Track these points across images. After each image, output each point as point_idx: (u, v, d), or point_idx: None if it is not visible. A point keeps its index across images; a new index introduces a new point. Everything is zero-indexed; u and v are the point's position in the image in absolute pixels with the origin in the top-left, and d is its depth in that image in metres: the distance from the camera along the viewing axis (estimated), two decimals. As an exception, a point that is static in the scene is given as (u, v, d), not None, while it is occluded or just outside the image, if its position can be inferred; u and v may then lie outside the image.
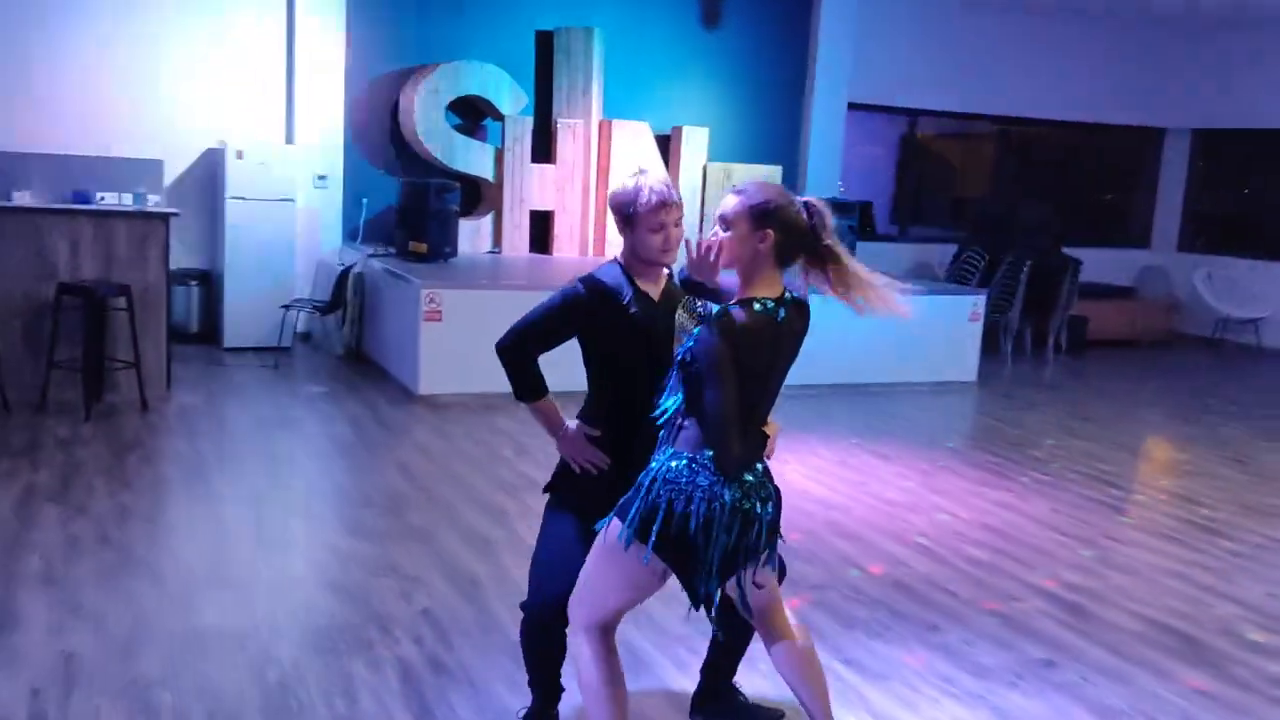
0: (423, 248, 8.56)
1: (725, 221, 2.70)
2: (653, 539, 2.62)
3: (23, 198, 8.06)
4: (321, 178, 9.51)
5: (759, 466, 2.73)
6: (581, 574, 2.84)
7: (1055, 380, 10.08)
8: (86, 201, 8.56)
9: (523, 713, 3.21)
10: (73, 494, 5.13)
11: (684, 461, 2.65)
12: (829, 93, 11.41)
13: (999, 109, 12.60)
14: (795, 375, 2.93)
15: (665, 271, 3.10)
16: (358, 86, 9.63)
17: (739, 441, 2.63)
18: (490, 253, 9.98)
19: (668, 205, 2.94)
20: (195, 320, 9.24)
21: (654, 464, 2.70)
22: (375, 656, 3.66)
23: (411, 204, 8.73)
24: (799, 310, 2.74)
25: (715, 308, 2.66)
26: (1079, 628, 4.28)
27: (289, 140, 9.35)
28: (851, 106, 11.62)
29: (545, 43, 10.23)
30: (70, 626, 3.74)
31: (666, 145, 10.72)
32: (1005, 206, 12.60)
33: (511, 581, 4.32)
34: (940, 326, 9.14)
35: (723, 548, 2.63)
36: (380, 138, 9.79)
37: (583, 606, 2.83)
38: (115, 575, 4.21)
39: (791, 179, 11.25)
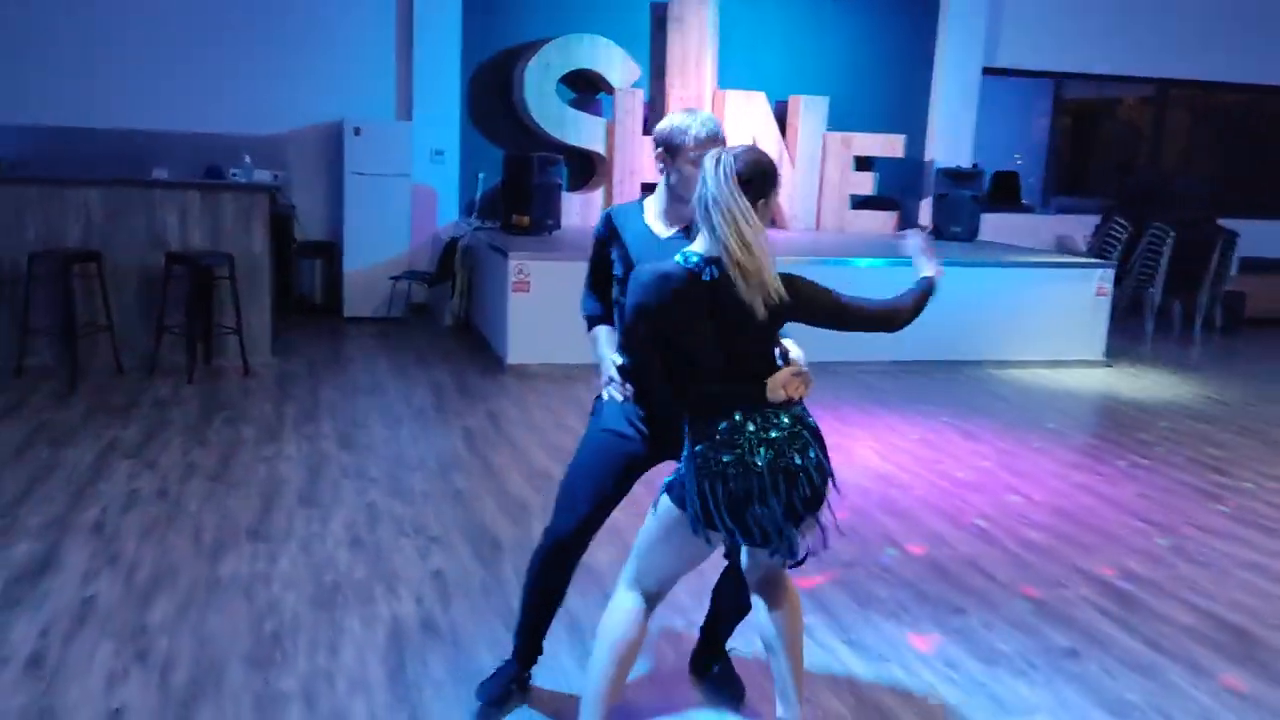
0: (525, 220, 8.66)
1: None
2: (712, 519, 2.62)
3: (160, 173, 8.57)
4: (438, 153, 9.74)
5: (784, 419, 2.65)
6: (641, 539, 2.83)
7: (1198, 360, 9.39)
8: (220, 176, 9.07)
9: (492, 673, 3.23)
10: (149, 450, 5.45)
11: (703, 445, 2.62)
12: (960, 56, 10.90)
13: (1155, 71, 11.77)
14: (888, 351, 2.89)
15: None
16: (474, 62, 9.80)
17: (679, 398, 2.66)
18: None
19: (716, 140, 2.91)
20: (319, 291, 9.65)
21: (686, 446, 2.70)
22: (372, 613, 3.75)
23: (514, 177, 8.84)
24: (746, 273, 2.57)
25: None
26: (1121, 618, 3.99)
27: (406, 116, 9.61)
28: (987, 71, 11.09)
29: (660, 13, 10.16)
30: (101, 574, 3.97)
31: (784, 114, 10.49)
32: (1156, 175, 11.80)
33: (532, 547, 4.33)
34: (1062, 301, 8.65)
35: (777, 507, 2.59)
36: (496, 113, 9.94)
37: (639, 570, 2.83)
38: (160, 528, 4.44)
39: (917, 148, 10.85)
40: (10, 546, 4.16)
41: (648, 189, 10.05)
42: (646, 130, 10.01)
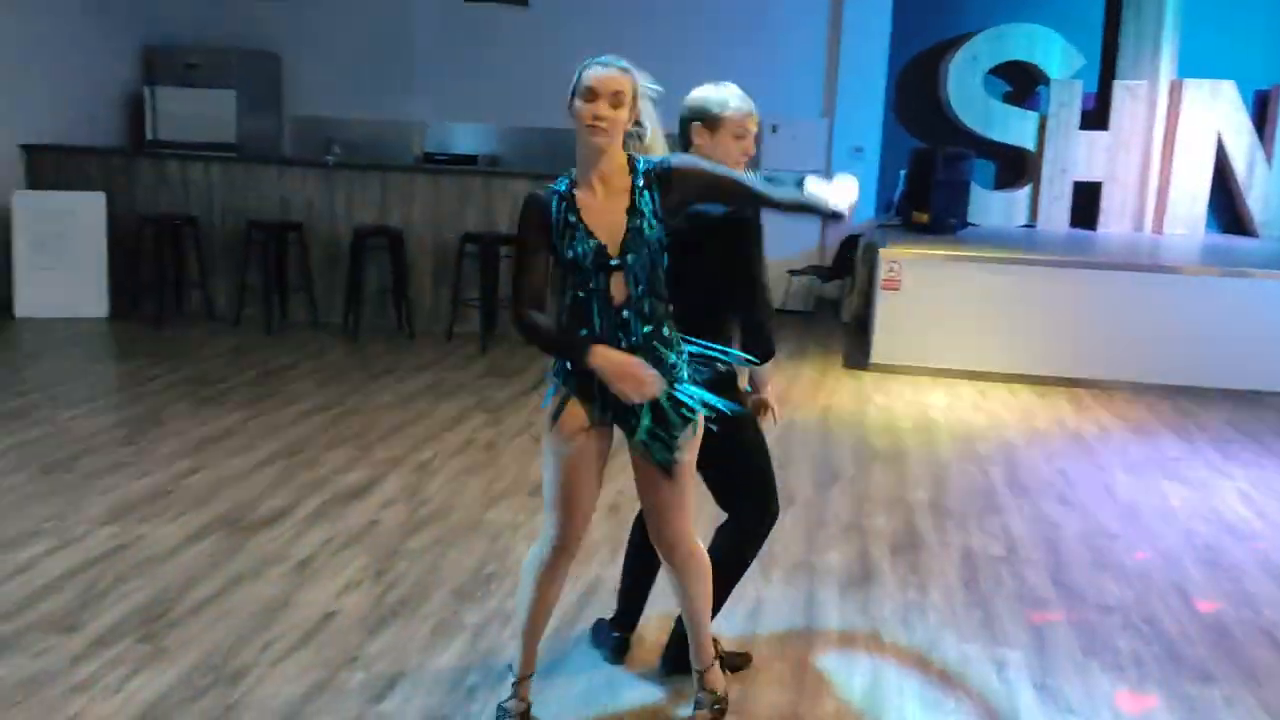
0: (924, 217, 8.44)
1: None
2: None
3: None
4: (858, 149, 9.75)
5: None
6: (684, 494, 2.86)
7: None
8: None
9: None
10: (507, 410, 6.17)
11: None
12: None
13: None
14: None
15: None
16: (902, 58, 9.67)
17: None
18: (1024, 226, 9.44)
19: (753, 115, 3.02)
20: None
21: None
22: (575, 573, 4.02)
23: (918, 172, 8.63)
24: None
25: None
26: None
27: (825, 113, 9.73)
28: None
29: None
30: (396, 503, 4.64)
31: (1264, 105, 9.16)
32: None
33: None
34: None
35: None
36: (922, 109, 9.74)
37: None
38: (468, 474, 5.06)
39: None
40: (347, 474, 4.99)
41: (1083, 187, 9.32)
42: (1084, 124, 9.26)
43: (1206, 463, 5.72)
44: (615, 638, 3.41)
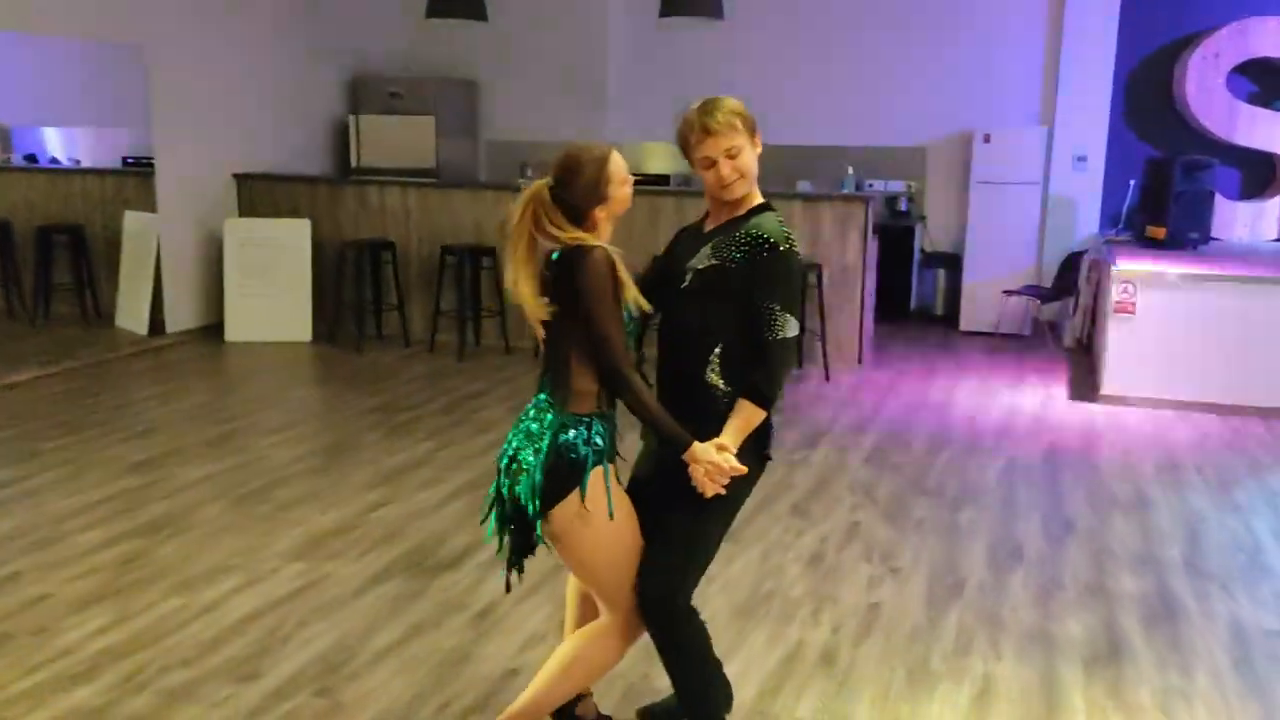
0: (1160, 232, 7.64)
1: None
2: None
3: (804, 186, 9.11)
4: (1081, 159, 8.99)
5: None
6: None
7: None
8: (858, 189, 9.41)
9: None
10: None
11: None
12: None
13: None
14: None
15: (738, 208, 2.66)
16: (1130, 58, 8.86)
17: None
18: (1276, 241, 8.46)
19: (711, 134, 2.54)
20: (940, 303, 9.50)
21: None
22: (779, 633, 3.64)
23: (1154, 183, 7.83)
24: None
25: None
26: None
27: (1043, 121, 9.01)
28: None
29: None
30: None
31: None
32: None
33: (1004, 593, 3.88)
34: None
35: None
36: (1155, 115, 8.89)
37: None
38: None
39: None
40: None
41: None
42: (1347, 126, 8.23)
43: None
44: None
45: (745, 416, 2.54)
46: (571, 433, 2.47)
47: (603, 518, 2.51)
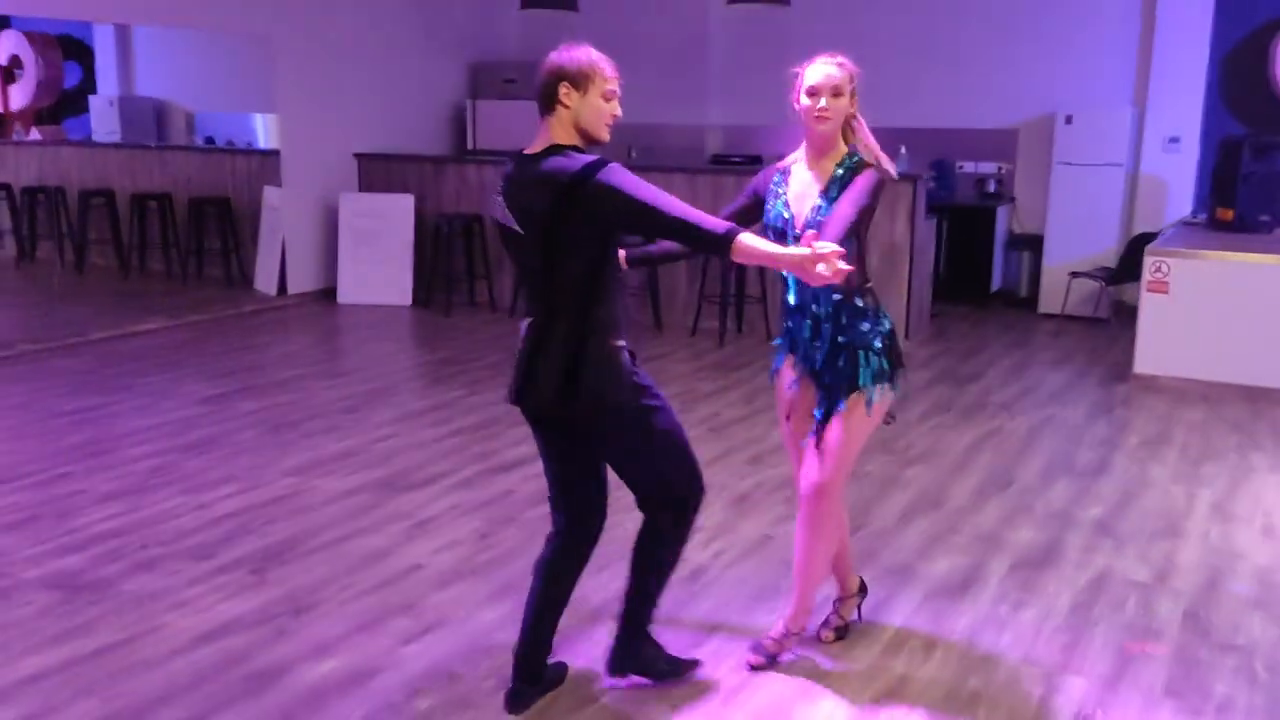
0: (1228, 214, 7.46)
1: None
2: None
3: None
4: (1173, 140, 8.79)
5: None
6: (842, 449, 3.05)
7: None
8: (946, 171, 9.50)
9: None
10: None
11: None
12: None
13: None
14: None
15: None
16: (1226, 42, 8.58)
17: None
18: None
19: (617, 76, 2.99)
20: (1024, 285, 9.46)
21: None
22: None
23: (1225, 164, 7.63)
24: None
25: None
26: None
27: (1136, 102, 8.84)
28: None
29: None
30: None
31: None
32: None
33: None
34: None
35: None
36: (1248, 97, 8.59)
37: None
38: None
39: None
40: (518, 448, 5.31)
41: None
42: None
43: None
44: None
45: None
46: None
47: None
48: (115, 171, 11.03)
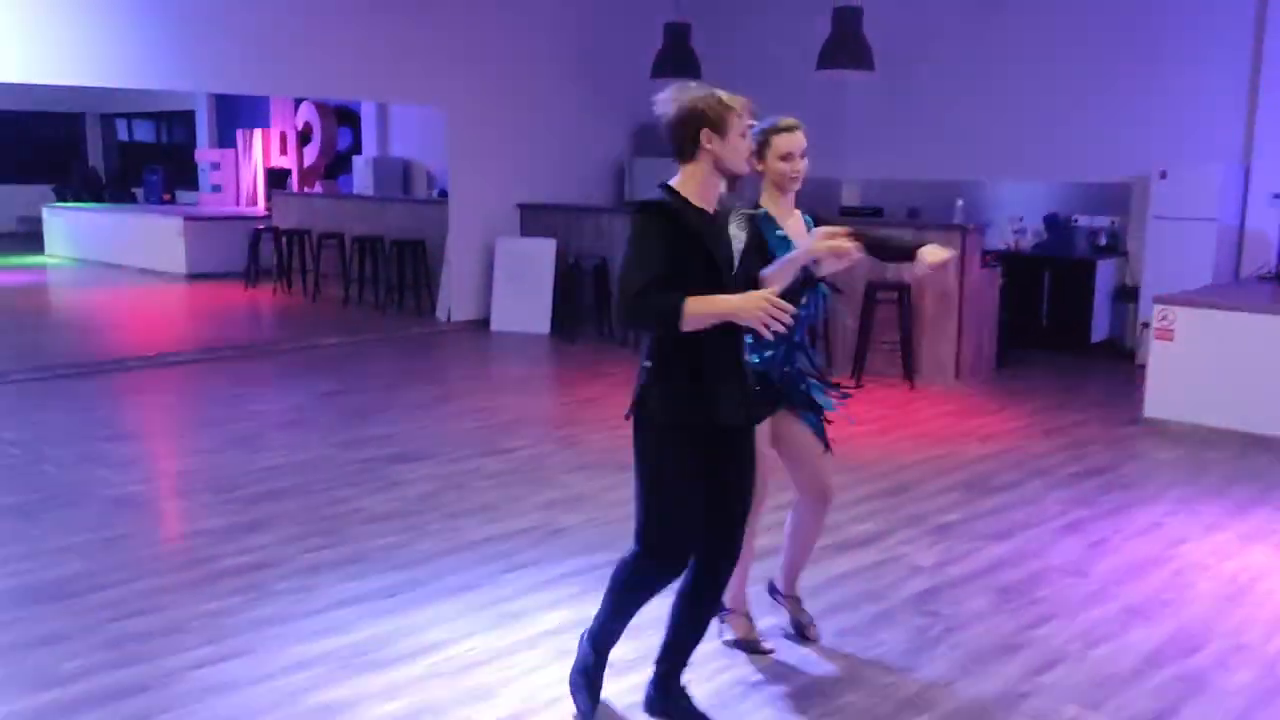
0: (1285, 269, 7.42)
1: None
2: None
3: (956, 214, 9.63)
4: (1278, 196, 8.66)
5: None
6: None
7: None
8: (1058, 224, 9.70)
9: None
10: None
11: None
12: None
13: None
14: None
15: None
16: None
17: None
18: None
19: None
20: (1130, 336, 9.50)
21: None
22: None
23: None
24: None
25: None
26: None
27: (1242, 158, 8.79)
28: None
29: None
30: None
31: None
32: None
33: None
34: None
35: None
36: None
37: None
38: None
39: None
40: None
41: None
42: None
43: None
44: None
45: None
46: None
47: None
48: (346, 218, 13.22)
